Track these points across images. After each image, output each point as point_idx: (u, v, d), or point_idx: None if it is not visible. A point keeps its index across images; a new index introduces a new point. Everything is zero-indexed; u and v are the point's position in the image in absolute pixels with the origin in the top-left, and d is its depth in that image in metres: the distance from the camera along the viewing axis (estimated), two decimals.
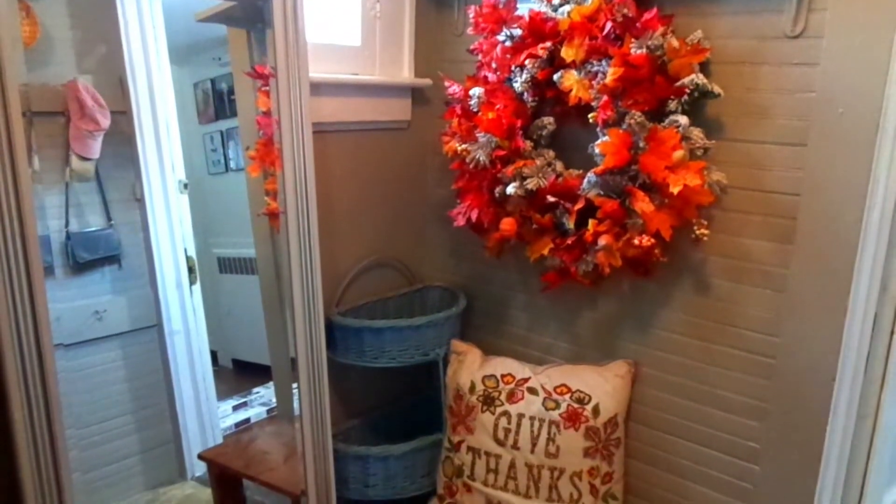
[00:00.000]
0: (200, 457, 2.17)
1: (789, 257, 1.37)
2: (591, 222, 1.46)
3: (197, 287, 2.30)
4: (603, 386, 1.62)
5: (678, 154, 1.35)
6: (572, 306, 1.75)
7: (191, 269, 2.27)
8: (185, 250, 2.25)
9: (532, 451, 1.61)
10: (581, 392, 1.63)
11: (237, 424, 2.52)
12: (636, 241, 1.41)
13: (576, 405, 1.61)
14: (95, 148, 1.87)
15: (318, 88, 1.62)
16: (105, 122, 1.83)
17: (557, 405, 1.62)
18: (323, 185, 1.64)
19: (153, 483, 2.29)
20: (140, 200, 2.10)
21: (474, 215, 1.63)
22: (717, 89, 1.35)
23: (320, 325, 1.60)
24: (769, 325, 1.43)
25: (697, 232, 1.40)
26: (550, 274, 1.61)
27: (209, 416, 2.37)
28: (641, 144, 1.38)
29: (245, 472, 1.96)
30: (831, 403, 1.37)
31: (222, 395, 2.50)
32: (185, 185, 2.22)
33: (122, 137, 1.97)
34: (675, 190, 1.34)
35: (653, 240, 1.41)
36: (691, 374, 1.56)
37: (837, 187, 1.28)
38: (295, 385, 1.66)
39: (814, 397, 1.38)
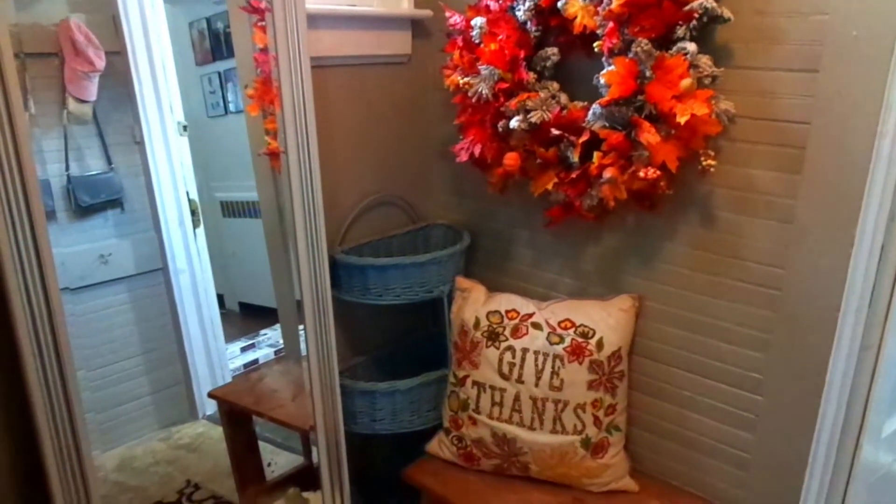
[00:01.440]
0: (210, 395, 2.22)
1: (797, 188, 1.35)
2: (595, 155, 1.44)
3: (201, 230, 2.30)
4: (607, 320, 1.63)
5: (685, 83, 1.31)
6: (576, 242, 1.75)
7: (193, 212, 2.27)
8: (188, 193, 2.24)
9: (536, 385, 1.63)
10: (585, 326, 1.63)
11: (246, 366, 2.56)
12: (641, 174, 1.39)
13: (580, 339, 1.63)
14: (92, 90, 1.85)
15: (315, 21, 1.58)
16: (100, 62, 1.80)
17: (561, 339, 1.64)
18: (323, 123, 1.62)
19: (166, 422, 2.34)
20: (140, 143, 2.08)
21: (477, 150, 1.61)
22: (726, 13, 1.30)
23: (324, 263, 1.60)
24: (774, 256, 1.42)
25: (704, 163, 1.38)
26: (554, 209, 1.60)
27: (218, 358, 2.41)
28: (648, 73, 1.35)
29: (254, 408, 2.00)
30: (835, 334, 1.37)
31: (230, 337, 2.53)
32: (185, 128, 2.20)
33: (118, 79, 1.94)
34: (681, 120, 1.30)
35: (658, 172, 1.39)
36: (695, 307, 1.56)
37: (848, 114, 1.25)
38: (301, 326, 1.67)
39: (817, 328, 1.38)
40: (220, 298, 2.46)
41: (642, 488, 1.68)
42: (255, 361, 2.60)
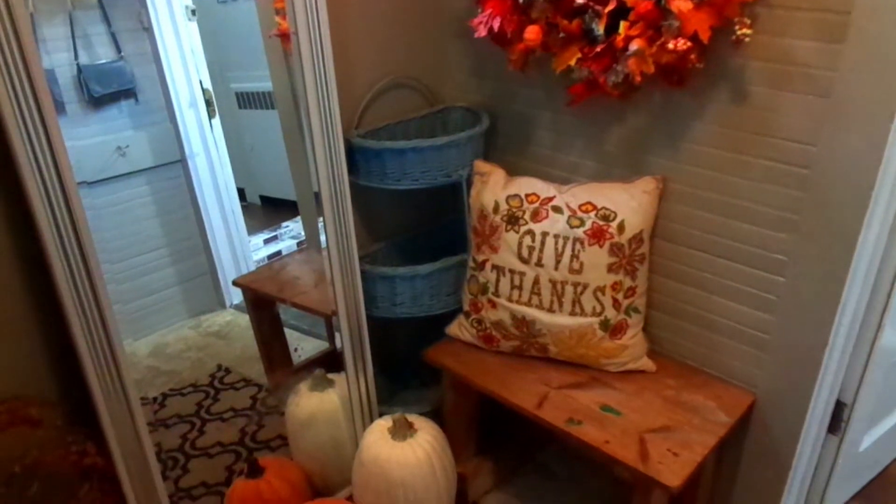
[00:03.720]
0: (235, 283, 2.27)
1: (838, 58, 1.26)
2: (622, 25, 1.35)
3: (216, 121, 2.27)
4: (629, 203, 1.60)
5: None
6: (600, 122, 1.68)
7: (208, 103, 2.23)
8: (201, 82, 2.20)
9: (556, 268, 1.63)
10: (606, 209, 1.60)
11: (269, 257, 2.60)
12: (671, 45, 1.31)
13: (601, 222, 1.60)
14: None
15: None
16: None
17: (582, 223, 1.61)
18: None
19: (195, 311, 2.41)
20: (148, 30, 2.02)
21: (496, 24, 1.52)
22: None
23: (340, 146, 1.57)
24: (807, 133, 1.35)
25: (739, 32, 1.29)
26: (577, 86, 1.53)
27: (241, 248, 2.44)
28: None
29: (278, 295, 2.05)
30: (865, 214, 1.32)
31: (253, 230, 2.55)
32: (193, 12, 2.12)
33: None
34: None
35: (689, 43, 1.30)
36: (721, 188, 1.52)
37: None
38: (321, 217, 1.66)
39: (847, 208, 1.33)
40: (242, 192, 2.46)
41: (660, 368, 1.71)
42: (279, 253, 2.63)
